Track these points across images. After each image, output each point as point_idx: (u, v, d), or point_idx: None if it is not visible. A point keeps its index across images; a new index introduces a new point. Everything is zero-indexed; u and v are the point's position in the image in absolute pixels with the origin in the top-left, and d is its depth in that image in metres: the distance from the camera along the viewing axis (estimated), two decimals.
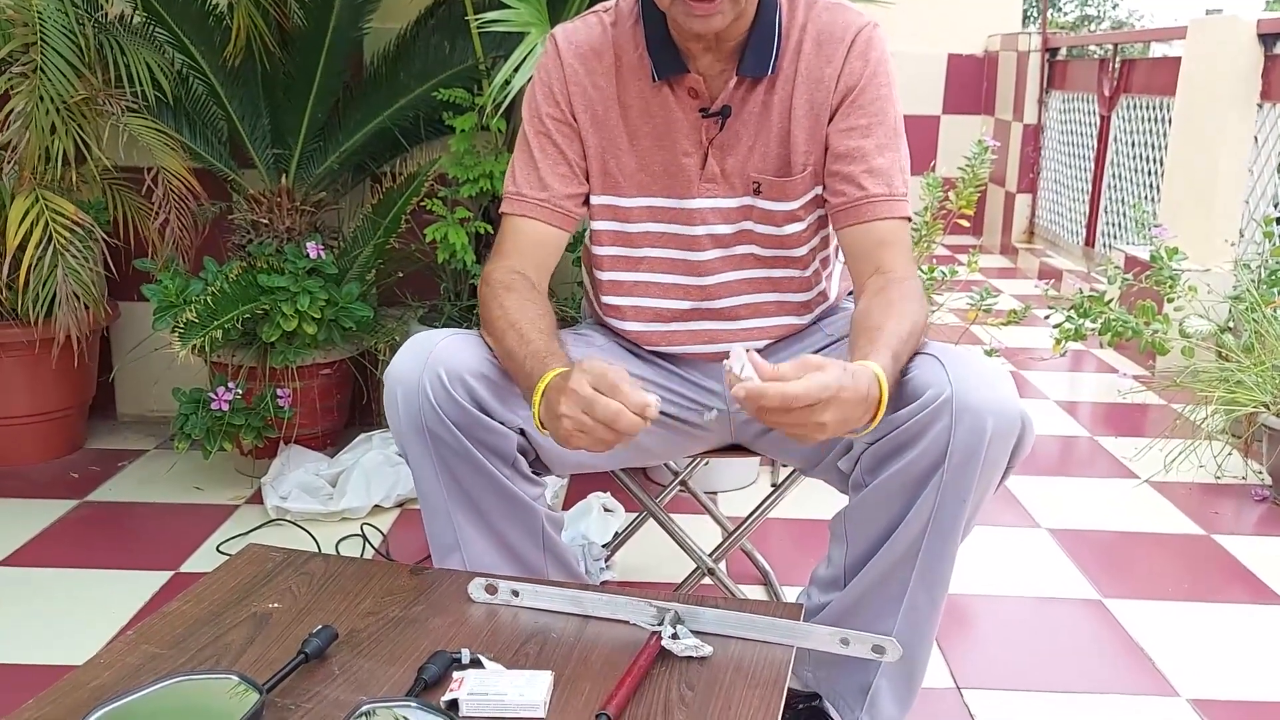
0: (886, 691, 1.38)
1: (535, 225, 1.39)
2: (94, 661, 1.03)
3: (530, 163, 1.40)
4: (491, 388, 1.30)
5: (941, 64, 6.35)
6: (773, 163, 1.39)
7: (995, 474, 1.24)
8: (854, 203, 1.34)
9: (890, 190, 1.34)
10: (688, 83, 1.36)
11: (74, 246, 2.32)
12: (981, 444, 1.19)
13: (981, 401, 1.19)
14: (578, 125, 1.40)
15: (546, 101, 1.40)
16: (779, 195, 1.40)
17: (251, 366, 2.39)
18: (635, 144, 1.40)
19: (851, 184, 1.34)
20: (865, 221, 1.34)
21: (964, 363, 1.23)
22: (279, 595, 1.17)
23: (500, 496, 1.34)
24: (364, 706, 0.92)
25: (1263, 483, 2.65)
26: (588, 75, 1.39)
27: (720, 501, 2.43)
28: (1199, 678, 1.80)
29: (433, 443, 1.29)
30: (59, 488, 2.45)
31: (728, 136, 1.39)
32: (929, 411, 1.21)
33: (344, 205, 2.75)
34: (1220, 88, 3.76)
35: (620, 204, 1.43)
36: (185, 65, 2.49)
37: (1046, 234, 5.79)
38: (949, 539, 1.27)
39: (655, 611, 1.10)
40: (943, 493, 1.23)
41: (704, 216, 1.42)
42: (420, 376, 1.27)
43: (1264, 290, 2.91)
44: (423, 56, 2.55)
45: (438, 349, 1.29)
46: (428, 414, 1.27)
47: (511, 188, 1.41)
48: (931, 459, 1.22)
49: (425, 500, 1.35)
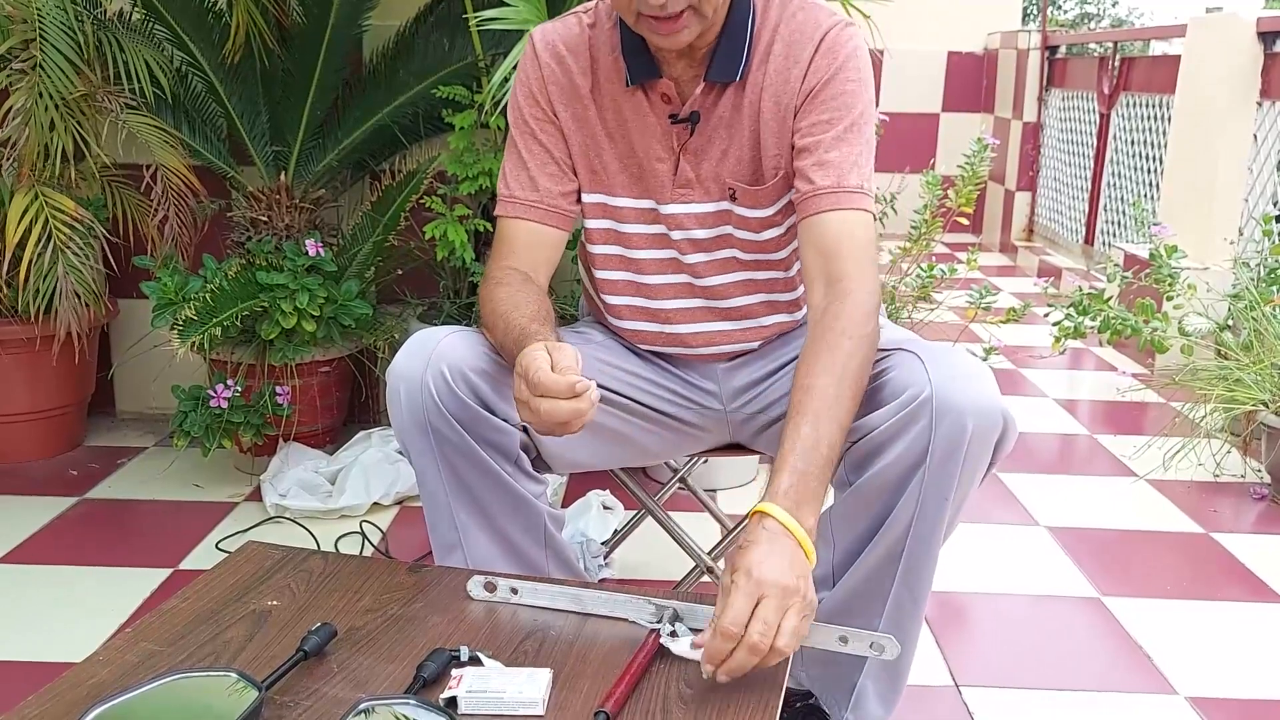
0: (872, 691, 1.38)
1: (530, 226, 1.39)
2: (93, 659, 1.03)
3: (519, 164, 1.40)
4: (494, 384, 1.30)
5: (941, 61, 6.35)
6: (746, 168, 1.37)
7: (977, 472, 1.24)
8: (803, 197, 1.31)
9: (839, 182, 1.29)
10: (660, 88, 1.35)
11: (74, 243, 2.32)
12: (962, 443, 1.19)
13: (962, 400, 1.19)
14: (560, 122, 1.39)
15: (527, 101, 1.40)
16: (753, 203, 1.38)
17: (250, 364, 2.39)
18: (614, 145, 1.40)
19: (802, 178, 1.31)
20: (809, 215, 1.29)
21: (944, 361, 1.23)
22: (278, 593, 1.17)
23: (503, 493, 1.34)
24: (363, 704, 0.92)
25: (1261, 481, 2.65)
26: (564, 74, 1.39)
27: (720, 499, 2.43)
28: (1197, 676, 1.80)
29: (435, 439, 1.29)
30: (58, 485, 2.45)
31: (699, 142, 1.37)
32: (909, 411, 1.20)
33: (343, 203, 2.75)
34: (1220, 86, 3.76)
35: (611, 203, 1.43)
36: (184, 62, 2.48)
37: (1046, 232, 5.79)
38: (931, 538, 1.26)
39: (654, 609, 1.10)
40: (924, 492, 1.22)
41: (680, 221, 1.41)
42: (423, 373, 1.27)
43: (1263, 288, 2.91)
44: (422, 54, 2.55)
45: (441, 345, 1.29)
46: (431, 410, 1.27)
47: (504, 190, 1.41)
48: (912, 459, 1.21)
49: (427, 497, 1.35)
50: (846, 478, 1.31)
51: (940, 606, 2.01)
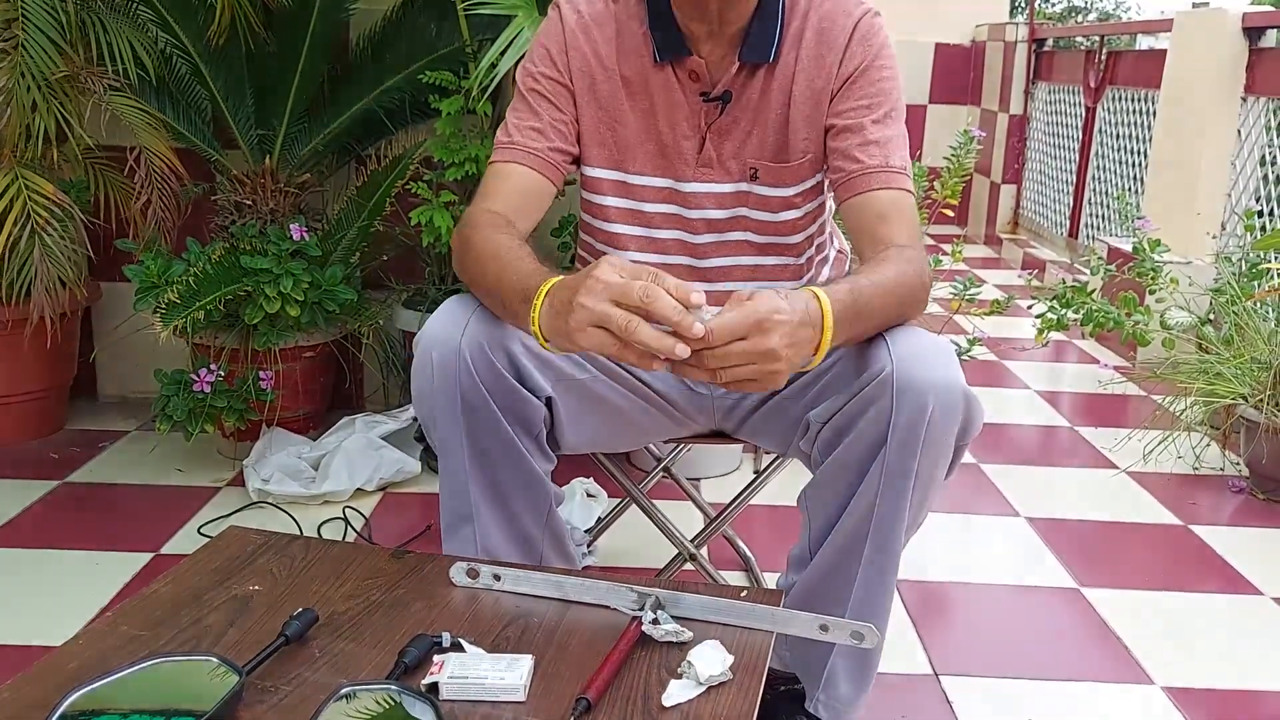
0: (842, 671, 1.39)
1: (526, 172, 1.37)
2: (72, 643, 1.03)
3: (529, 116, 1.39)
4: (530, 354, 1.29)
5: (928, 53, 6.36)
6: (770, 149, 1.39)
7: (941, 454, 1.24)
8: (850, 176, 1.34)
9: (887, 162, 1.33)
10: (689, 65, 1.37)
11: (52, 226, 2.30)
12: (922, 421, 1.19)
13: (922, 379, 1.19)
14: (574, 91, 1.39)
15: (544, 62, 1.39)
16: (776, 181, 1.40)
17: (234, 348, 2.38)
18: (636, 119, 1.40)
19: (848, 158, 1.34)
20: (861, 193, 1.33)
21: (906, 340, 1.23)
22: (260, 578, 1.17)
23: (517, 469, 1.33)
24: (344, 689, 0.92)
25: (1240, 474, 2.68)
26: (589, 44, 1.39)
27: (703, 488, 2.43)
28: (1174, 666, 1.82)
29: (464, 409, 1.26)
30: (39, 468, 2.43)
31: (726, 122, 1.39)
32: (871, 388, 1.21)
33: (328, 187, 2.74)
34: (1205, 81, 3.78)
35: (631, 181, 1.43)
36: (169, 44, 2.46)
37: (1030, 225, 5.81)
38: (895, 517, 1.26)
39: (636, 597, 1.10)
40: (886, 471, 1.23)
41: (699, 200, 1.42)
42: (459, 340, 1.24)
43: (1244, 283, 2.93)
44: (409, 38, 2.54)
45: (476, 314, 1.26)
46: (464, 379, 1.24)
47: (504, 138, 1.39)
48: (874, 437, 1.22)
49: (446, 468, 1.33)
50: (819, 457, 1.32)
51: (920, 596, 2.03)
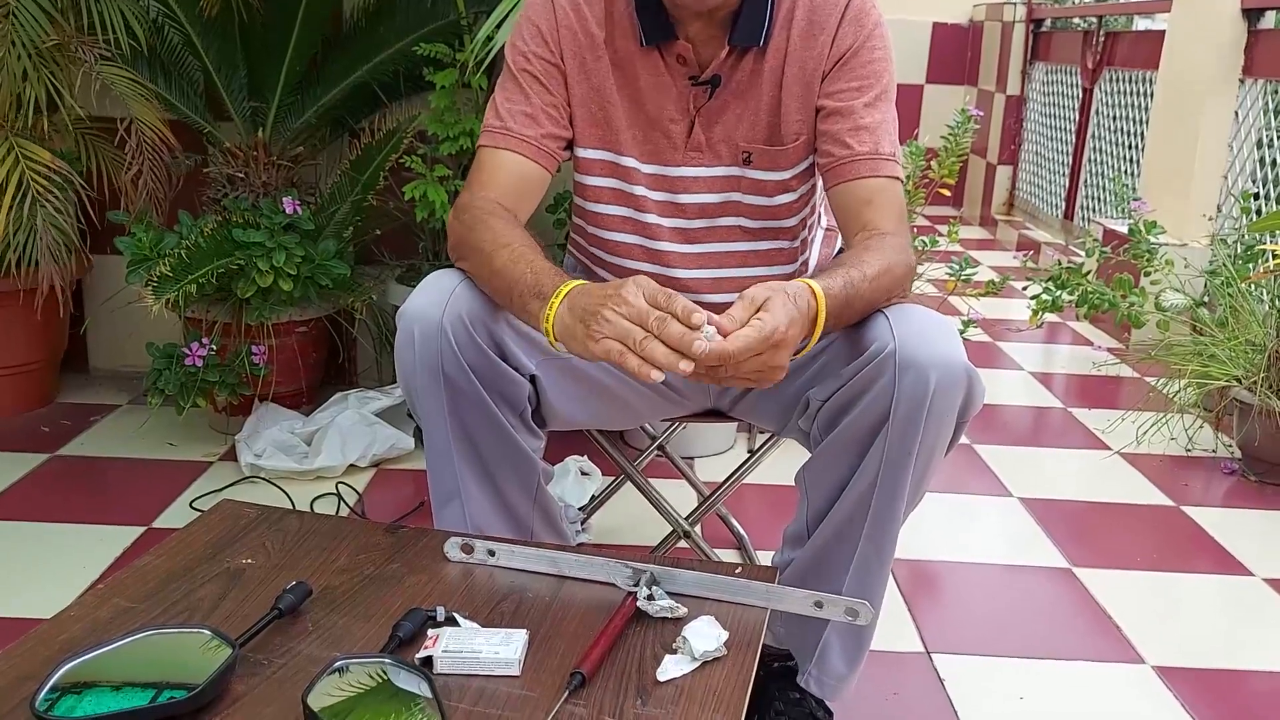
0: (836, 647, 1.39)
1: (521, 160, 1.35)
2: (64, 614, 1.03)
3: (519, 99, 1.36)
4: (512, 331, 1.28)
5: (926, 32, 6.33)
6: (762, 132, 1.38)
7: (943, 431, 1.24)
8: (839, 161, 1.33)
9: (875, 149, 1.32)
10: (677, 49, 1.35)
11: (52, 195, 2.27)
12: (925, 398, 1.19)
13: (925, 356, 1.19)
14: (565, 69, 1.37)
15: (535, 41, 1.37)
16: (770, 165, 1.38)
17: (226, 322, 2.37)
18: (624, 102, 1.38)
19: (837, 143, 1.33)
20: (849, 180, 1.32)
21: (909, 318, 1.23)
22: (252, 551, 1.16)
23: (503, 446, 1.32)
24: (338, 662, 0.91)
25: (1232, 456, 2.69)
26: (579, 22, 1.37)
27: (697, 466, 2.43)
28: (1164, 646, 1.83)
29: (447, 386, 1.26)
30: (30, 441, 2.42)
31: (715, 105, 1.37)
32: (873, 366, 1.21)
33: (322, 161, 2.72)
34: (1202, 63, 3.77)
35: (622, 162, 1.41)
36: (161, 14, 2.43)
37: (1026, 206, 5.80)
38: (896, 494, 1.26)
39: (631, 573, 1.10)
40: (889, 448, 1.23)
41: (688, 185, 1.41)
42: (441, 317, 1.23)
43: (1240, 265, 2.93)
44: (403, 10, 2.51)
45: (459, 289, 1.25)
46: (446, 356, 1.24)
47: (495, 122, 1.36)
48: (877, 414, 1.22)
49: (430, 445, 1.32)
50: (819, 435, 1.32)
51: (913, 574, 2.03)
